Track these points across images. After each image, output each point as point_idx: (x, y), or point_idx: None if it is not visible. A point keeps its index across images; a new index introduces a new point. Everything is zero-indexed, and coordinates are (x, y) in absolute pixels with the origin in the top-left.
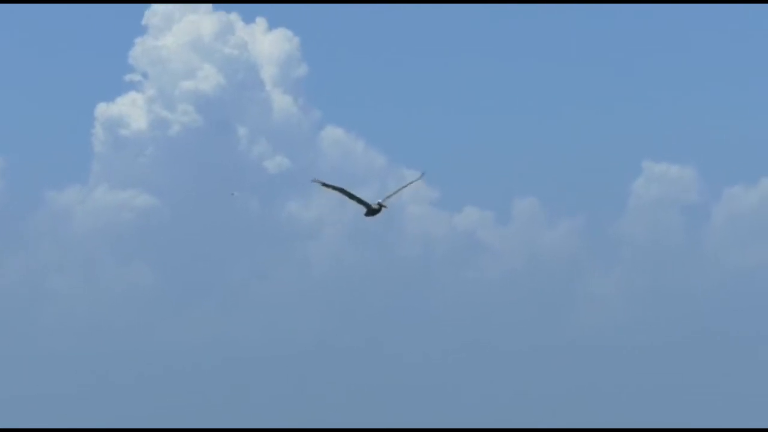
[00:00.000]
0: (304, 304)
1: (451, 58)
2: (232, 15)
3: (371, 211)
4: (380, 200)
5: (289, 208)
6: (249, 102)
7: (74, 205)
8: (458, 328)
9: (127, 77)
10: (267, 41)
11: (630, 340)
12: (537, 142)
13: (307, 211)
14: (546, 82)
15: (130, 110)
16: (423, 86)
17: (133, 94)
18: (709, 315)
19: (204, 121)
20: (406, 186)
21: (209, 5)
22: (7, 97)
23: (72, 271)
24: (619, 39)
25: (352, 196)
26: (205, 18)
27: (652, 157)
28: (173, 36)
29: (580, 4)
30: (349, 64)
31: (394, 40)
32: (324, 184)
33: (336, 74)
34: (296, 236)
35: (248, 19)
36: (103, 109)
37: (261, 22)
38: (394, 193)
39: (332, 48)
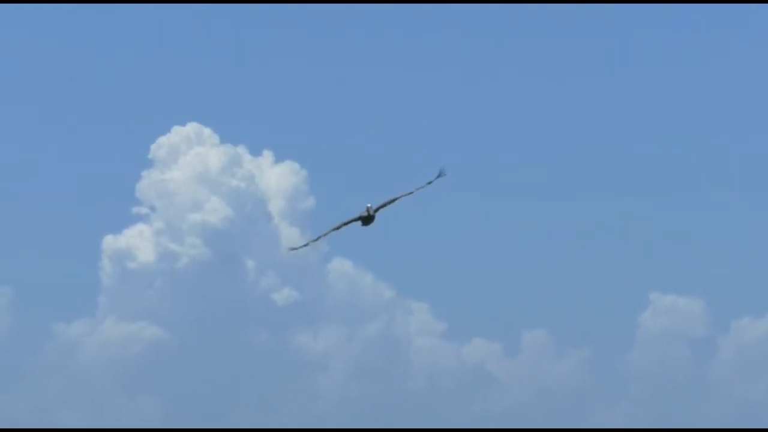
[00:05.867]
0: None
1: (458, 192)
2: (239, 148)
3: (366, 219)
4: (369, 204)
5: (298, 340)
6: (257, 234)
7: (82, 337)
8: None
9: (134, 210)
10: (274, 174)
11: None
12: (545, 273)
13: (315, 344)
14: (552, 215)
15: (138, 243)
16: (431, 220)
17: (140, 227)
18: None
19: (212, 253)
20: (412, 192)
21: (216, 138)
22: (14, 228)
23: (79, 405)
24: (626, 171)
25: (342, 225)
26: (212, 151)
27: (659, 289)
28: (180, 169)
29: (578, 146)
30: (356, 197)
31: (401, 174)
32: (305, 245)
33: (343, 207)
34: (304, 369)
35: (255, 152)
36: (110, 242)
37: (268, 155)
38: (395, 200)
39: (339, 181)
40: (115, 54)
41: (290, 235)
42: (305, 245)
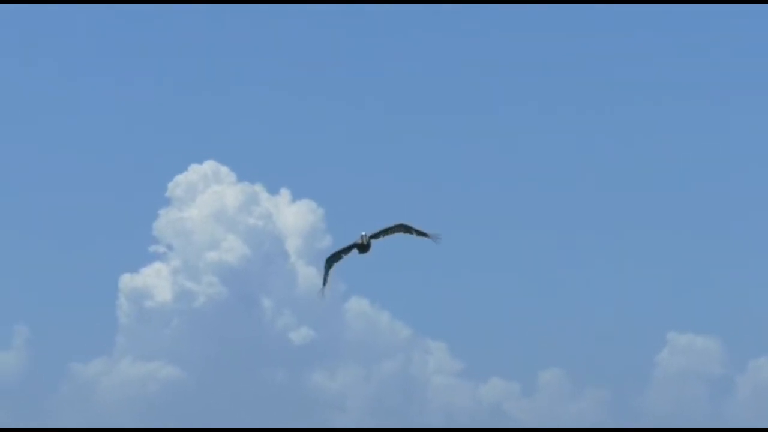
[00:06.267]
0: None
1: (477, 231)
2: (257, 186)
3: (362, 248)
4: (364, 233)
5: (315, 379)
6: (274, 273)
7: (99, 376)
8: None
9: (152, 248)
10: (291, 212)
11: None
12: (561, 312)
13: (332, 383)
14: (571, 254)
15: (155, 281)
16: (448, 259)
17: (157, 265)
18: None
19: (229, 292)
20: (412, 233)
21: (233, 176)
22: (31, 266)
23: None
24: (641, 209)
25: (342, 254)
26: (229, 189)
27: (676, 329)
28: (197, 207)
29: (594, 182)
30: None
31: (421, 212)
32: (324, 283)
33: None
34: (321, 408)
35: (272, 190)
36: (127, 281)
37: (285, 194)
38: (390, 232)
39: (356, 219)
40: (132, 92)
41: (307, 274)
42: (325, 283)
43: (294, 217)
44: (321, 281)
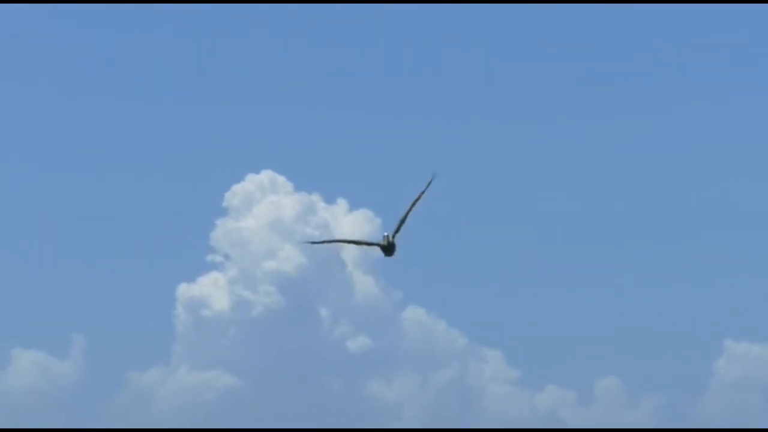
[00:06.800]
0: None
1: (531, 240)
2: (314, 196)
3: (386, 249)
4: (386, 233)
5: (372, 388)
6: (331, 282)
7: (156, 385)
8: None
9: (209, 258)
10: (348, 222)
11: None
12: (618, 320)
13: (389, 391)
14: (626, 263)
15: (212, 291)
16: (504, 267)
17: (214, 275)
18: None
19: (286, 301)
20: (416, 201)
21: (290, 186)
22: (89, 276)
23: None
24: (699, 217)
25: (355, 244)
26: (286, 199)
27: (733, 337)
28: (254, 217)
29: (648, 189)
30: (429, 244)
31: (474, 224)
32: (314, 242)
33: (416, 254)
34: (378, 416)
35: (329, 200)
36: (184, 290)
37: (342, 203)
38: (404, 219)
39: (413, 229)
40: (189, 102)
41: (364, 283)
42: (316, 242)
43: (351, 226)
44: (377, 288)
